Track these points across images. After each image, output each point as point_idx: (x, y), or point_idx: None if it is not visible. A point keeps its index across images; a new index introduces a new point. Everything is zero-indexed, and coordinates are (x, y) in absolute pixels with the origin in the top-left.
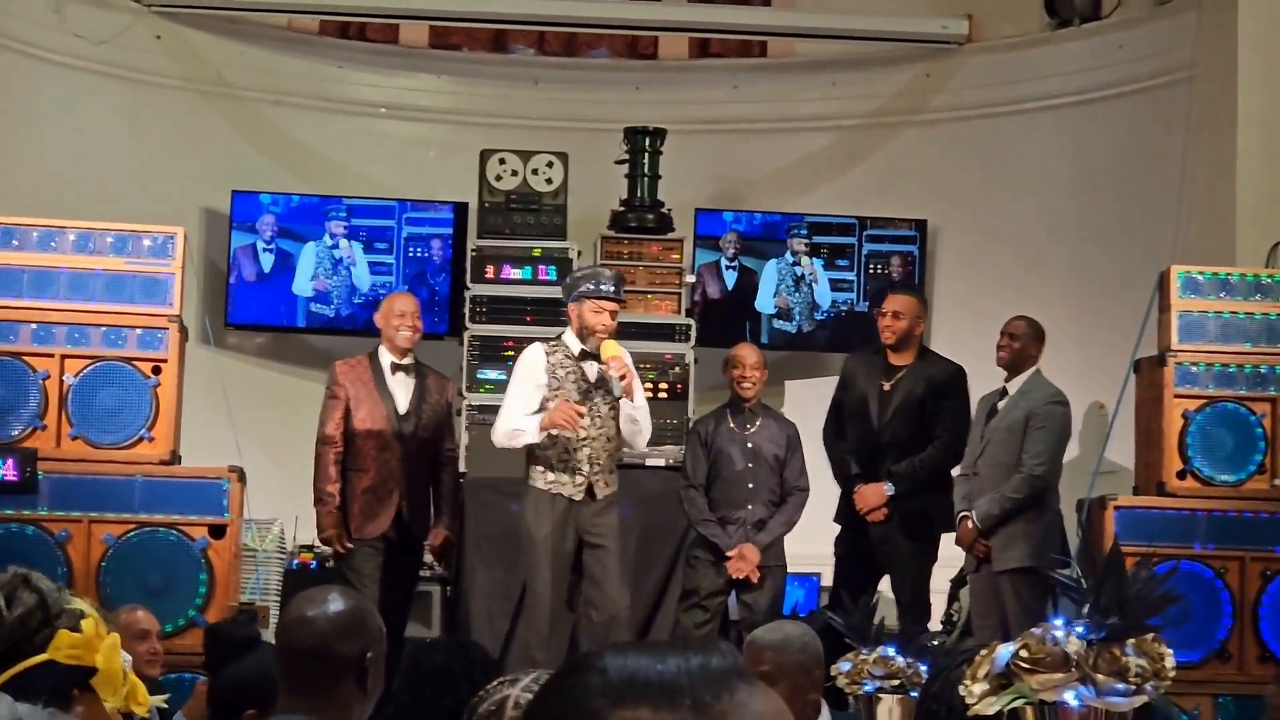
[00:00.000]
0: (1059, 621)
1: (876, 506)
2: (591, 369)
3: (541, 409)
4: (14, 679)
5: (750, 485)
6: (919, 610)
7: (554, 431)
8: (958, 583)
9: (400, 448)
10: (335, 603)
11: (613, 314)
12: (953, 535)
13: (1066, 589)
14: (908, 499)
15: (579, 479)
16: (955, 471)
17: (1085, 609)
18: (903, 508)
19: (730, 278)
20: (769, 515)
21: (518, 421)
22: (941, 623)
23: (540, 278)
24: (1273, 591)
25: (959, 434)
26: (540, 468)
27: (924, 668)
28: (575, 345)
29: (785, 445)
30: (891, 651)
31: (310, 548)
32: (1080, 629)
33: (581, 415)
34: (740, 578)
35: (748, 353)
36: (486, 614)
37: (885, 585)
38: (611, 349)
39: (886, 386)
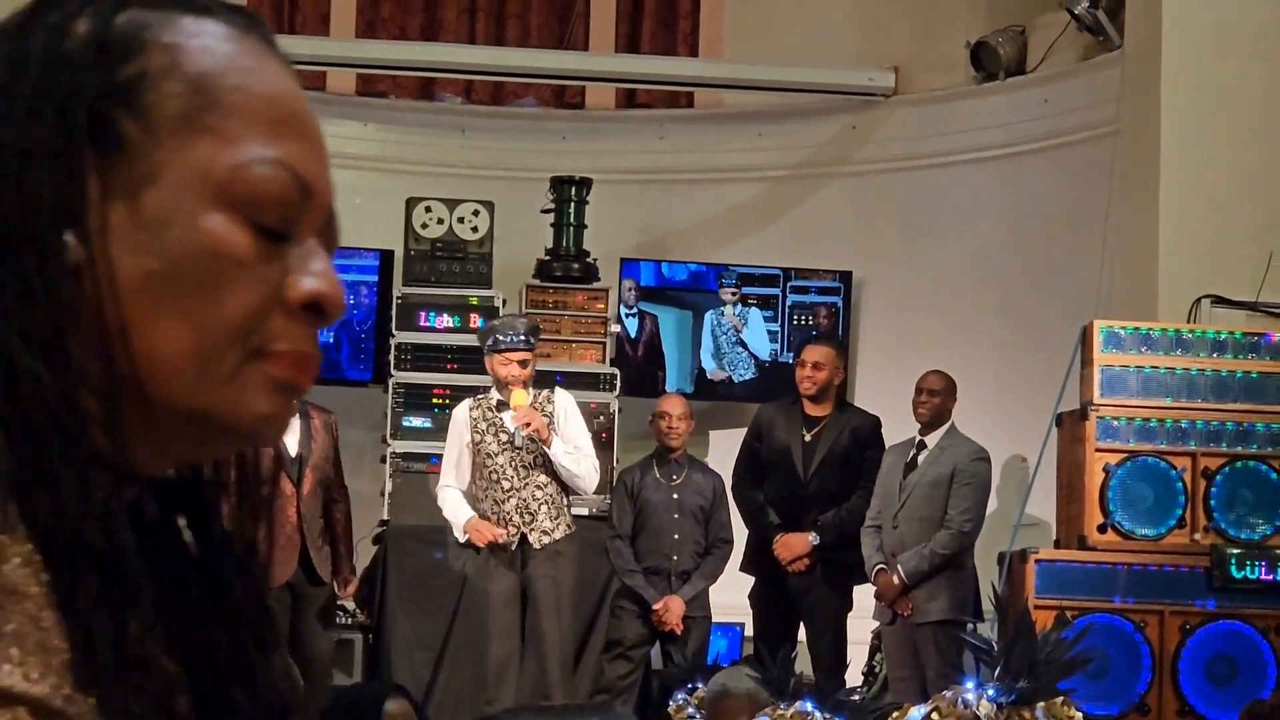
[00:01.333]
0: (970, 684)
1: (800, 556)
2: (510, 419)
3: (473, 463)
4: None
5: (676, 536)
6: (838, 662)
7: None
8: (879, 635)
9: (296, 492)
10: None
11: (521, 363)
12: (866, 587)
13: (978, 650)
14: (829, 550)
15: (512, 529)
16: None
17: (996, 671)
18: (825, 558)
19: (631, 325)
20: (694, 566)
21: (449, 510)
22: (863, 674)
23: (466, 325)
24: (1192, 645)
25: None
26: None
27: None
28: (495, 397)
29: (711, 496)
30: (809, 706)
31: None
32: (991, 691)
33: (498, 539)
34: (666, 630)
35: (674, 403)
36: (409, 662)
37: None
38: (519, 398)
39: (808, 437)
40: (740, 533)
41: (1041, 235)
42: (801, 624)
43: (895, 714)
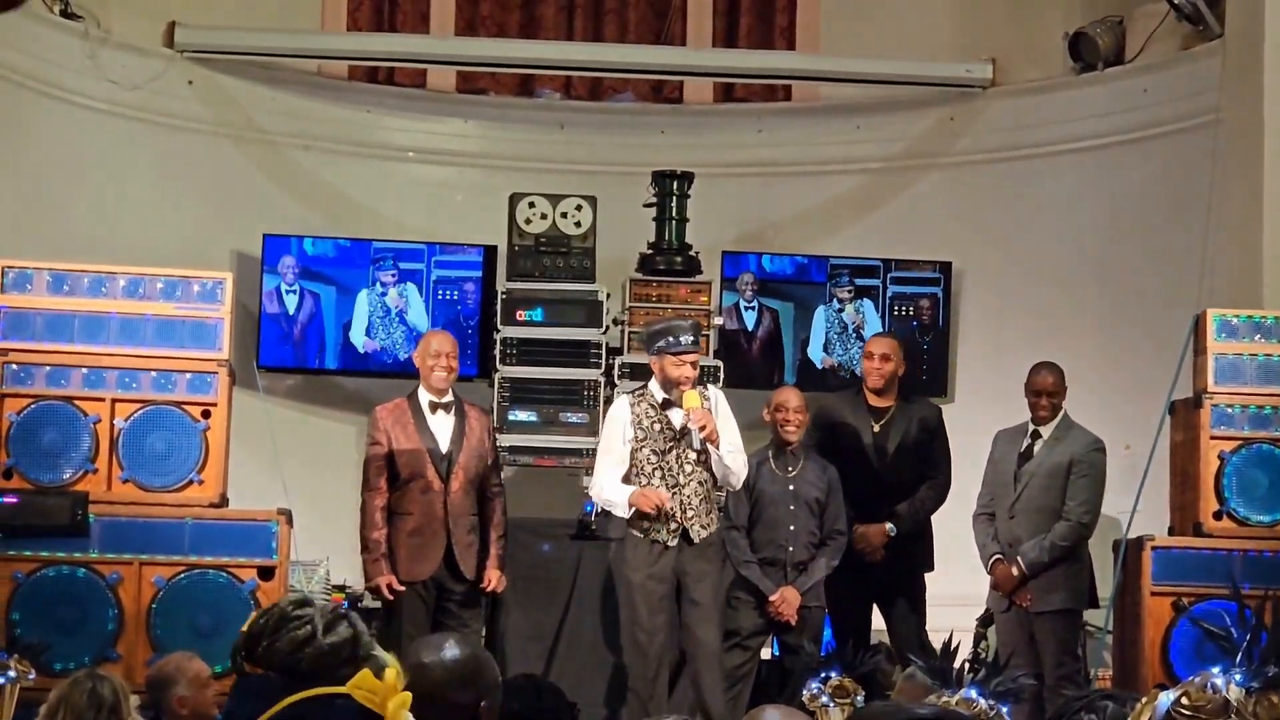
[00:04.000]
0: (1217, 669)
1: (878, 546)
2: (677, 417)
3: (632, 461)
4: (305, 701)
5: (791, 527)
6: (926, 648)
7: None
8: (984, 621)
9: (444, 488)
10: (453, 649)
11: (694, 364)
12: (933, 575)
13: (1217, 638)
14: (902, 540)
15: (673, 525)
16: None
17: (1239, 657)
18: (897, 548)
19: (750, 318)
20: (809, 557)
21: (609, 492)
22: (969, 661)
23: (570, 320)
24: None
25: (948, 474)
26: (637, 516)
27: (1005, 710)
28: (659, 395)
29: (826, 488)
30: (974, 694)
31: (342, 588)
32: (1239, 676)
33: (664, 503)
34: (783, 620)
35: (790, 396)
36: (522, 655)
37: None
38: (692, 400)
39: (877, 429)
40: None
41: (1142, 225)
42: (877, 613)
43: (1143, 700)
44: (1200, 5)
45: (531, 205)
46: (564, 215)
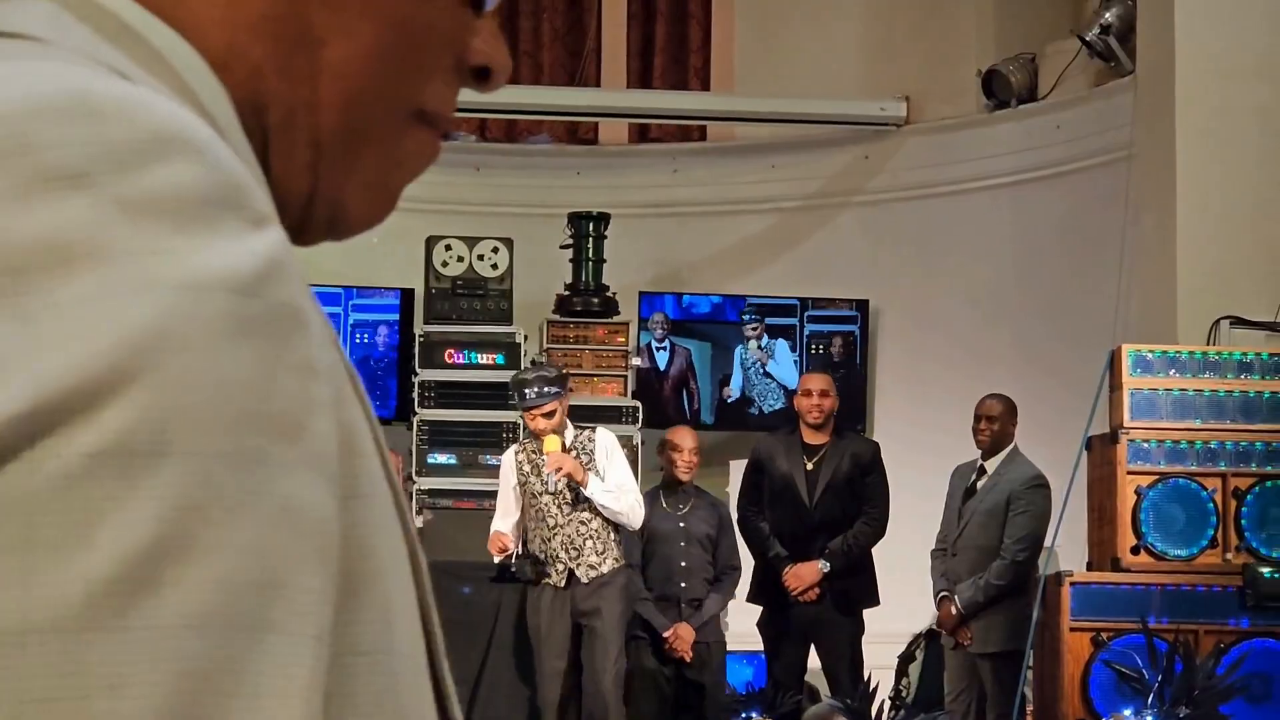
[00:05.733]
0: (1128, 711)
1: (811, 585)
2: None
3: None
4: None
5: (684, 564)
6: (858, 685)
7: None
8: (906, 659)
9: None
10: None
11: (547, 414)
12: (875, 612)
13: (1130, 679)
14: (837, 576)
15: (560, 566)
16: (898, 549)
17: (1150, 698)
18: (833, 585)
19: (661, 358)
20: (704, 594)
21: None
22: (890, 698)
23: (488, 362)
24: (1226, 664)
25: (885, 509)
26: (519, 558)
27: None
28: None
29: (717, 525)
30: None
31: None
32: (1150, 717)
33: (507, 546)
34: (677, 656)
35: (683, 436)
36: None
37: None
38: (550, 444)
39: (810, 465)
40: (747, 562)
41: (1056, 261)
42: (814, 651)
43: None
44: (1112, 42)
45: (448, 248)
46: (480, 257)
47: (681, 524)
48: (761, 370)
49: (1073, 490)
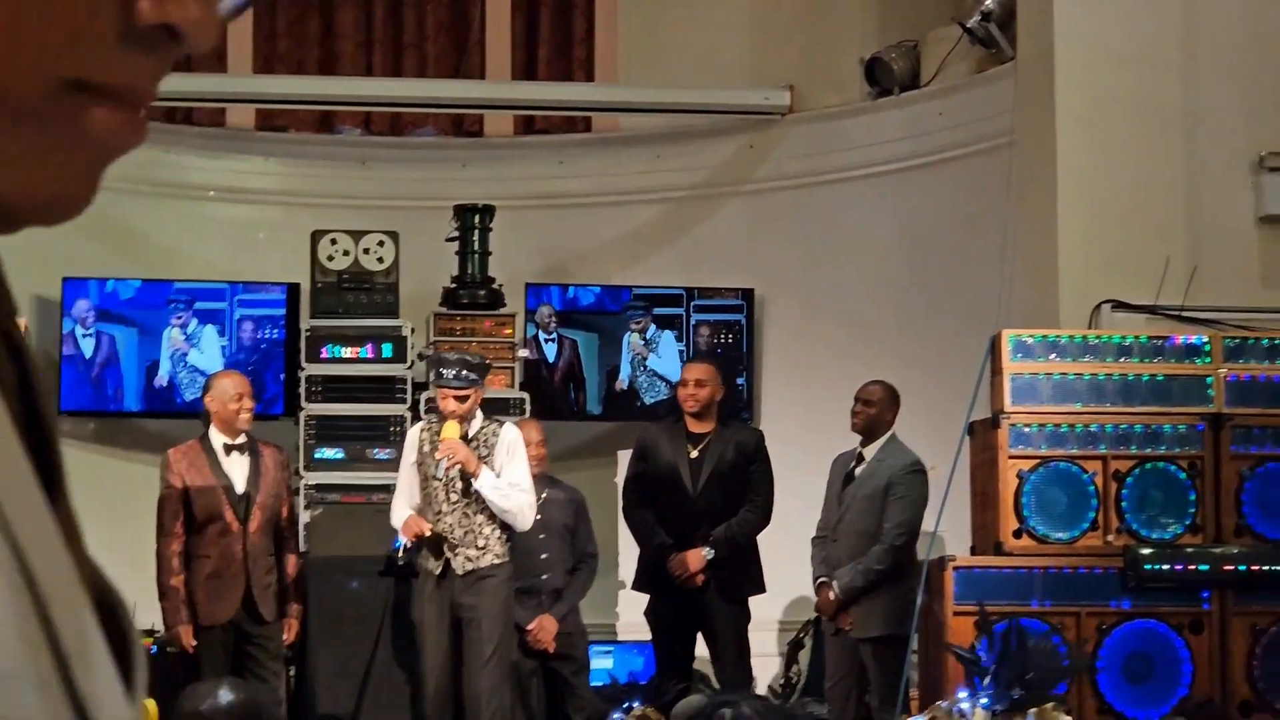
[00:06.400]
0: (963, 694)
1: (696, 572)
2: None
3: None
4: None
5: (544, 556)
6: (745, 675)
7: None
8: (795, 645)
9: (242, 529)
10: (227, 695)
11: (459, 399)
12: (762, 599)
13: (966, 662)
14: (723, 564)
15: (438, 555)
16: (784, 537)
17: (987, 680)
18: (718, 573)
19: (550, 350)
20: (565, 584)
21: (395, 516)
22: (780, 686)
23: (375, 356)
24: (1109, 645)
25: (769, 497)
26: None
27: None
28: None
29: (574, 513)
30: None
31: (151, 632)
32: (985, 700)
33: (424, 531)
34: (540, 649)
35: (529, 430)
36: (332, 691)
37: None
38: (449, 430)
39: (694, 454)
40: (631, 551)
41: (941, 247)
42: (701, 639)
43: None
44: (993, 29)
45: (334, 242)
46: (366, 251)
47: (540, 516)
48: (642, 363)
49: (956, 475)
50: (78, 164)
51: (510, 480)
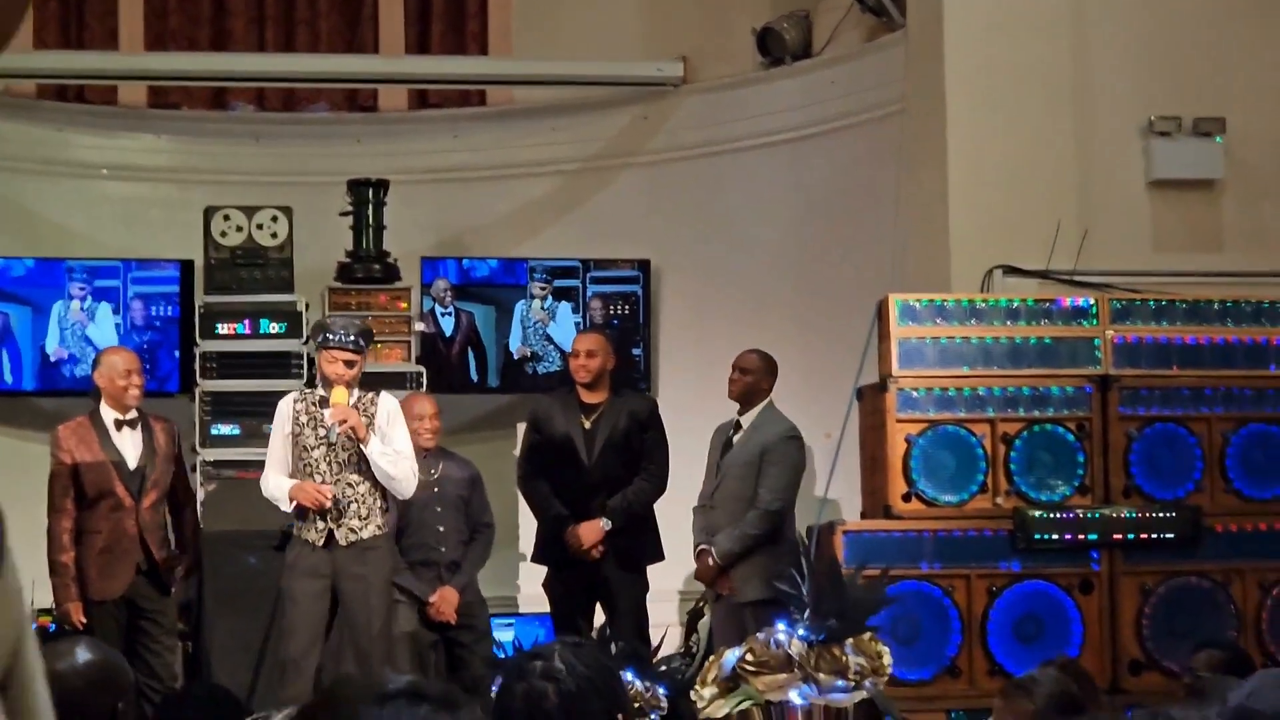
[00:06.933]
0: (781, 625)
1: (595, 544)
2: (329, 415)
3: (294, 453)
4: None
5: (440, 528)
6: (644, 644)
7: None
8: (695, 614)
9: (135, 505)
10: (84, 654)
11: (347, 363)
12: (659, 565)
13: (788, 596)
14: (620, 534)
15: (321, 525)
16: (681, 505)
17: (806, 613)
18: (616, 543)
19: (447, 324)
20: (461, 555)
21: (272, 487)
22: (680, 654)
23: (269, 332)
24: (1000, 607)
25: (664, 465)
26: (296, 514)
27: (662, 690)
28: (320, 393)
29: (468, 484)
30: (630, 676)
31: (49, 610)
32: (802, 631)
33: (326, 497)
34: (442, 620)
35: (421, 404)
36: (228, 665)
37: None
38: (339, 396)
39: (587, 424)
40: (529, 523)
41: (835, 215)
42: (599, 610)
43: (711, 658)
44: None
45: (227, 218)
46: (260, 227)
47: (435, 489)
48: (542, 332)
49: (846, 440)
50: None
51: (395, 448)
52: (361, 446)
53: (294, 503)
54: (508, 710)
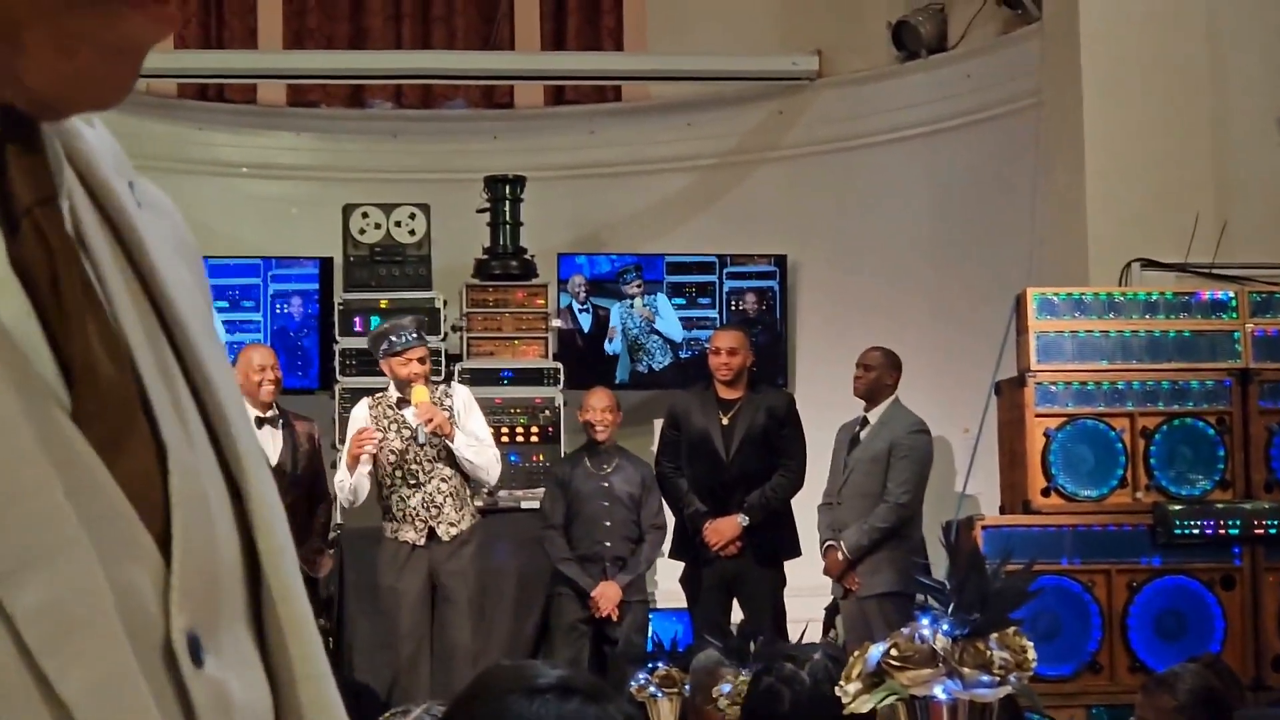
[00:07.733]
0: (925, 620)
1: (732, 539)
2: (411, 415)
3: (376, 464)
4: None
5: (608, 524)
6: (780, 637)
7: (364, 462)
8: (832, 610)
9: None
10: None
11: (420, 359)
12: (796, 561)
13: (929, 589)
14: (758, 530)
15: (419, 524)
16: (818, 501)
17: (950, 608)
18: (753, 538)
19: (585, 320)
20: (629, 553)
21: (340, 477)
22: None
23: None
24: (1140, 602)
25: (802, 461)
26: (386, 518)
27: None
28: (394, 395)
29: (640, 485)
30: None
31: None
32: (946, 626)
33: (372, 438)
34: (601, 615)
35: (598, 396)
36: (370, 662)
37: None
38: (420, 394)
39: (725, 420)
40: (667, 519)
41: (970, 209)
42: (737, 605)
43: (856, 652)
44: None
45: (365, 215)
46: (398, 224)
47: (605, 484)
48: (649, 328)
49: (985, 435)
50: (110, 55)
51: (476, 437)
52: (448, 443)
53: (359, 470)
54: (753, 697)
